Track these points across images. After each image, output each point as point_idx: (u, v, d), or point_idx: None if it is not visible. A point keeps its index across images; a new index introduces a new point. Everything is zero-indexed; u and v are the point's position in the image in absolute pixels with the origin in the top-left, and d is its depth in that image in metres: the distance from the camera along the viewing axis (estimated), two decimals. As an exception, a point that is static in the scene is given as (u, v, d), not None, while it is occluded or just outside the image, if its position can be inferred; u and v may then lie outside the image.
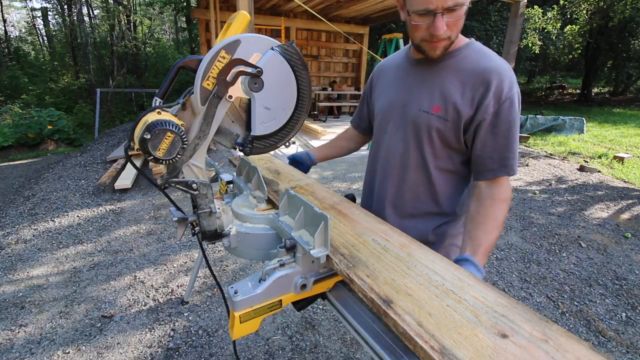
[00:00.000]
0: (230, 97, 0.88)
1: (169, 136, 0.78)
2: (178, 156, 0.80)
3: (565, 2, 11.04)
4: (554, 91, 17.94)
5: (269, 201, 1.10)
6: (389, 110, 1.17)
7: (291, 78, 0.94)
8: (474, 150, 1.03)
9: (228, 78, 0.84)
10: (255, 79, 0.88)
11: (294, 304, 0.89)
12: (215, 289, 2.44)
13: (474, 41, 1.06)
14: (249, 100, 0.94)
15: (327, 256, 0.80)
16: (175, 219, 0.93)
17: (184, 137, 0.80)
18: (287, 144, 1.04)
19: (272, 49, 0.91)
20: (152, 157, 0.77)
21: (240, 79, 0.88)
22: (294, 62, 0.93)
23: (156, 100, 0.87)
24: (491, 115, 0.98)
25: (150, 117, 0.79)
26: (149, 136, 0.75)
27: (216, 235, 0.95)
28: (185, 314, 2.21)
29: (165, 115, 0.81)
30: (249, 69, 0.86)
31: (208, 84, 0.85)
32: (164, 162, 0.80)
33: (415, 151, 1.10)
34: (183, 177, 0.90)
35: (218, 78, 0.84)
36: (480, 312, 0.63)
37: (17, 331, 2.06)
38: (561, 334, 0.59)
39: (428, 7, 0.89)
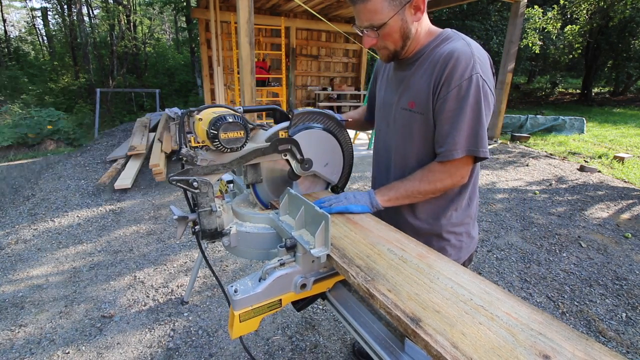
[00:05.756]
0: (285, 154, 1.07)
1: (241, 133, 0.89)
2: (229, 150, 0.89)
3: (566, 2, 11.02)
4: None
5: (271, 206, 1.10)
6: (382, 109, 1.21)
7: (328, 136, 1.15)
8: None
9: (280, 147, 1.04)
10: (302, 164, 1.10)
11: (294, 304, 0.89)
12: (215, 289, 2.44)
13: (446, 31, 1.05)
14: (288, 173, 1.14)
15: (342, 267, 0.77)
16: (176, 217, 0.92)
17: (245, 143, 0.91)
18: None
19: (308, 128, 1.10)
20: (214, 134, 0.85)
21: (293, 162, 1.09)
22: (327, 126, 1.14)
23: (240, 108, 1.00)
24: (440, 101, 0.97)
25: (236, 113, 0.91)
26: (230, 120, 0.86)
27: (216, 234, 0.95)
28: (185, 314, 2.21)
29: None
30: (297, 153, 1.07)
31: (281, 134, 1.05)
32: (218, 146, 0.87)
33: (412, 152, 1.11)
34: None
35: (279, 139, 1.03)
36: (515, 330, 0.59)
37: (17, 331, 2.06)
38: (605, 353, 0.55)
39: (356, 24, 1.03)
